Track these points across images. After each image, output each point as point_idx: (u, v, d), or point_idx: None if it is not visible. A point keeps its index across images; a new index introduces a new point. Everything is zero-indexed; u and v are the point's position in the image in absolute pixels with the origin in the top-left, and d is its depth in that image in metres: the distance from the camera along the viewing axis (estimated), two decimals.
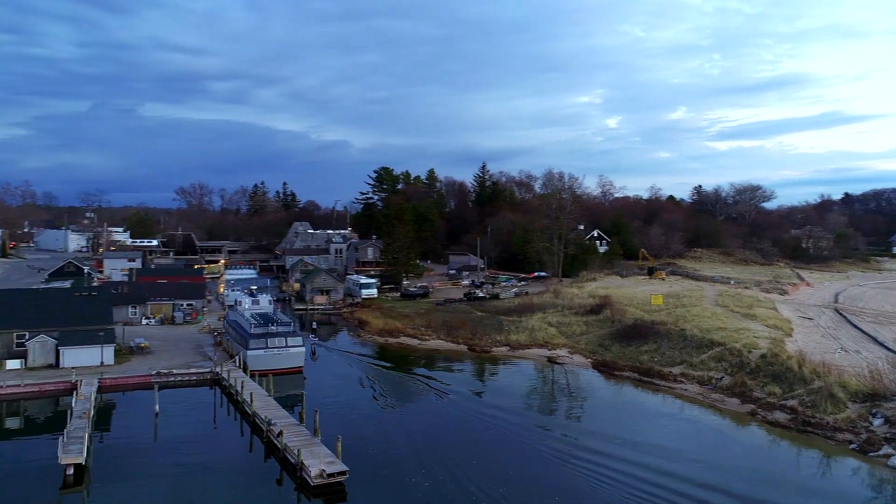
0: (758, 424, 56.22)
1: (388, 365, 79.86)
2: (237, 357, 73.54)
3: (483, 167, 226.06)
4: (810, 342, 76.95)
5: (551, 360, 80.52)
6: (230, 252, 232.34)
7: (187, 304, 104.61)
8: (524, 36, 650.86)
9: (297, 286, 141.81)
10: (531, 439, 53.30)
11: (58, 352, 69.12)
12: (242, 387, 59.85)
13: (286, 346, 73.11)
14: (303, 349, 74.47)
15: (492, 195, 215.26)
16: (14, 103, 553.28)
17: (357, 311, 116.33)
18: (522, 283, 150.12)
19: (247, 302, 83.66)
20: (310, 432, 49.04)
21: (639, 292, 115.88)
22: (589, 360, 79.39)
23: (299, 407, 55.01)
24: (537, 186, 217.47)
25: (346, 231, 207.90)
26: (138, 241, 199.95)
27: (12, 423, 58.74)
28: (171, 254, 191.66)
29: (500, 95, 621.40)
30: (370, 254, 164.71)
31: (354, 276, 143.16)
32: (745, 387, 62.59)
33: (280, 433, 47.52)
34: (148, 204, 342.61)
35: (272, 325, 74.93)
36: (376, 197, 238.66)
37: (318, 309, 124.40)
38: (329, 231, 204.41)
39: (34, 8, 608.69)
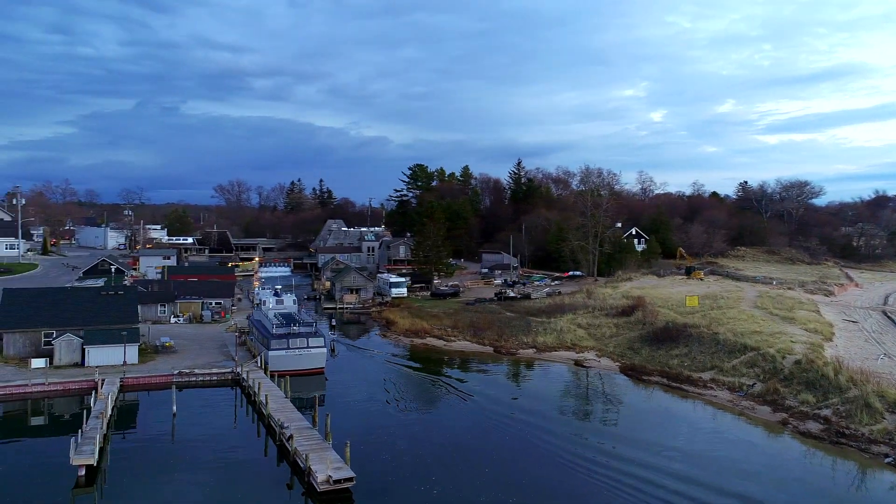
0: (789, 434, 54.37)
1: (410, 366, 79.75)
2: (259, 357, 74.21)
3: (518, 163, 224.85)
4: (852, 347, 74.32)
5: (578, 364, 79.33)
6: (265, 249, 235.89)
7: (216, 303, 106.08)
8: (567, 28, 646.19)
9: (328, 284, 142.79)
10: (550, 446, 52.40)
11: (83, 350, 70.60)
12: (259, 388, 60.25)
13: (307, 347, 73.41)
14: (324, 350, 74.72)
15: (527, 192, 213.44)
16: (62, 102, 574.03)
17: (385, 311, 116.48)
18: (556, 282, 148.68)
19: (271, 301, 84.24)
20: (321, 436, 49.01)
21: (675, 293, 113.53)
22: (617, 363, 77.97)
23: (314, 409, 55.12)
24: (575, 183, 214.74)
25: (380, 229, 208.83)
26: (174, 238, 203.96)
27: (37, 421, 60.11)
28: (207, 251, 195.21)
29: (541, 90, 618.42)
30: (402, 252, 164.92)
31: (385, 275, 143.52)
32: (777, 394, 60.67)
33: (290, 437, 47.63)
34: (189, 201, 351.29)
35: (294, 325, 75.32)
36: (411, 194, 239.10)
37: (347, 308, 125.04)
38: (362, 229, 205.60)
39: (81, 8, 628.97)
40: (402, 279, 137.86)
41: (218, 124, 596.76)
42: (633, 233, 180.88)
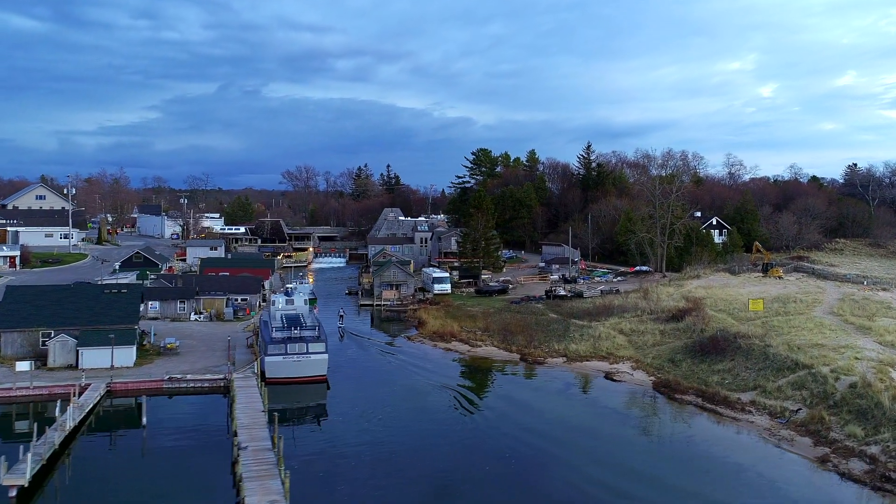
0: (828, 475, 48.09)
1: (425, 373, 76.78)
2: (256, 362, 73.06)
3: (587, 147, 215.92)
4: None
5: (608, 376, 74.32)
6: (326, 238, 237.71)
7: (241, 299, 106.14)
8: None
9: (372, 278, 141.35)
10: (543, 475, 48.48)
11: (77, 352, 71.31)
12: (234, 400, 58.86)
13: (307, 353, 71.53)
14: (325, 356, 72.50)
15: (597, 178, 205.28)
16: (148, 87, 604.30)
17: (420, 309, 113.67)
18: (619, 278, 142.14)
19: (280, 301, 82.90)
20: (276, 459, 46.81)
21: (743, 294, 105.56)
22: (651, 378, 72.45)
23: (293, 423, 53.26)
24: (654, 168, 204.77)
25: (438, 217, 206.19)
26: (227, 228, 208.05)
27: (21, 426, 60.54)
28: (259, 241, 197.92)
29: (638, 65, 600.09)
30: (453, 244, 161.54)
31: (429, 269, 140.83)
32: (822, 424, 54.17)
33: (236, 460, 45.76)
34: (267, 186, 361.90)
35: (296, 328, 73.73)
36: (472, 181, 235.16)
37: (384, 305, 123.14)
38: (419, 218, 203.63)
39: None
40: (446, 274, 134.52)
41: (299, 107, 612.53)
42: (714, 223, 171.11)
